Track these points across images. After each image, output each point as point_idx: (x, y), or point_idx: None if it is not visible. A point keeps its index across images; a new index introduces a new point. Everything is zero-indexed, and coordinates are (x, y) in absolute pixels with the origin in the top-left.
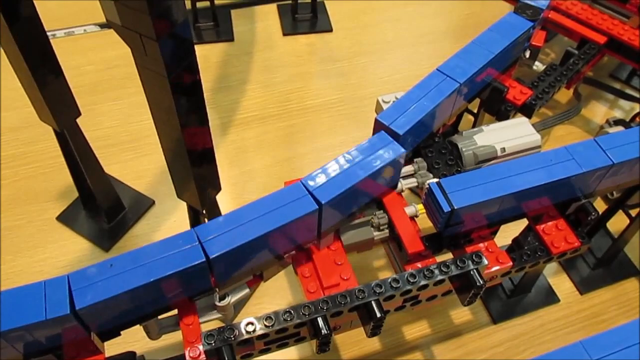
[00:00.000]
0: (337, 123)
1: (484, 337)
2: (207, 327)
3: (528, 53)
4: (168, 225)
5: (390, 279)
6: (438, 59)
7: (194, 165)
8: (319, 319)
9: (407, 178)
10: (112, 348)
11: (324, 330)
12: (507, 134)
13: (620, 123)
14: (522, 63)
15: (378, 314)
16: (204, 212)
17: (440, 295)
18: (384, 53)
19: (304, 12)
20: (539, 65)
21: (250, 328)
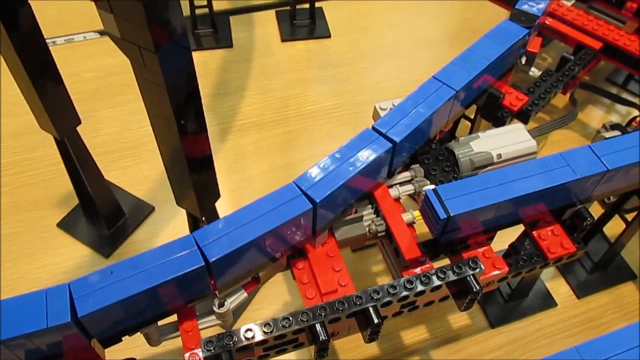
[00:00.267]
0: (335, 129)
1: (482, 341)
2: (207, 333)
3: (524, 59)
4: (168, 232)
5: (388, 285)
6: (435, 65)
7: (193, 174)
8: (317, 325)
9: (404, 185)
10: (112, 355)
11: (322, 337)
12: (503, 141)
13: (617, 127)
14: (518, 69)
15: (376, 320)
16: (203, 219)
17: (438, 301)
18: (382, 59)
19: (302, 18)
20: (535, 71)
21: (249, 334)
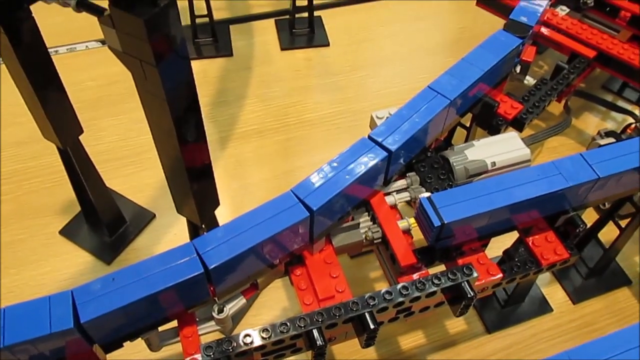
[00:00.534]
0: (334, 136)
1: (478, 346)
2: (206, 339)
3: (519, 68)
4: (169, 239)
5: (383, 291)
6: (434, 72)
7: (193, 182)
8: (314, 331)
9: (400, 192)
10: None
11: (319, 342)
12: (497, 149)
13: (612, 135)
14: (513, 78)
15: (372, 326)
16: (203, 226)
17: (433, 307)
18: (380, 67)
19: (302, 27)
20: (530, 80)
21: (248, 340)
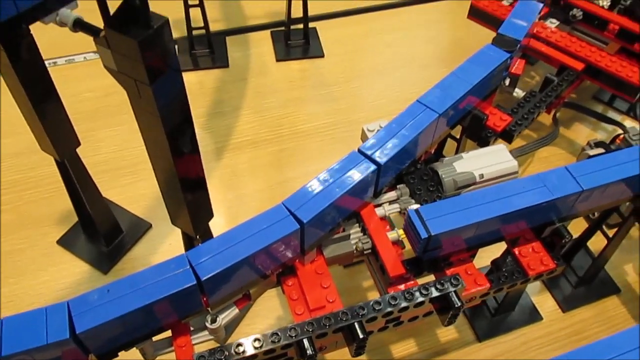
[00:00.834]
0: (328, 147)
1: (469, 354)
2: (200, 348)
3: (508, 81)
4: (164, 248)
5: (373, 302)
6: (426, 83)
7: (187, 195)
8: (305, 341)
9: (390, 204)
10: None
11: (310, 351)
12: (485, 161)
13: (601, 145)
14: (502, 90)
15: (361, 335)
16: (198, 237)
17: (422, 316)
18: (374, 78)
19: (297, 38)
20: (519, 92)
21: (240, 349)
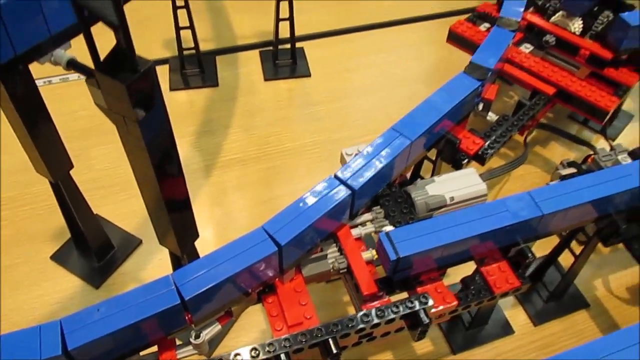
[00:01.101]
0: (313, 165)
1: None
2: None
3: (481, 105)
4: (154, 264)
5: (346, 319)
6: (411, 102)
7: (172, 217)
8: (282, 355)
9: (366, 225)
10: None
11: None
12: (456, 184)
13: (573, 165)
14: (477, 114)
15: (334, 350)
16: (184, 256)
17: (394, 332)
18: (359, 97)
19: (284, 58)
20: (492, 116)
21: None
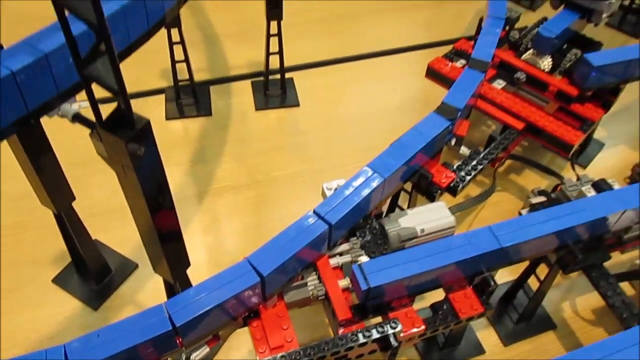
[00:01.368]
0: (300, 193)
1: None
2: None
3: (454, 141)
4: (149, 287)
5: (323, 342)
6: (394, 131)
7: (165, 248)
8: None
9: (343, 255)
10: None
11: None
12: (426, 217)
13: (543, 193)
14: (450, 148)
15: None
16: (177, 283)
17: (367, 354)
18: (345, 126)
19: (275, 88)
20: (465, 150)
21: None
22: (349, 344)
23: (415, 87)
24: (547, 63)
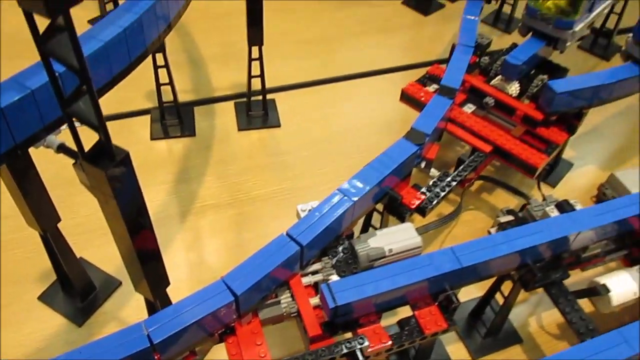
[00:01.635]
0: (280, 211)
1: None
2: None
3: (424, 164)
4: (132, 304)
5: (293, 358)
6: (371, 151)
7: (145, 270)
8: None
9: (314, 274)
10: None
11: None
12: (394, 238)
13: (511, 213)
14: (420, 170)
15: None
16: (157, 301)
17: None
18: (324, 146)
19: (257, 109)
20: (434, 172)
21: None
22: (319, 359)
23: (393, 108)
24: (514, 88)
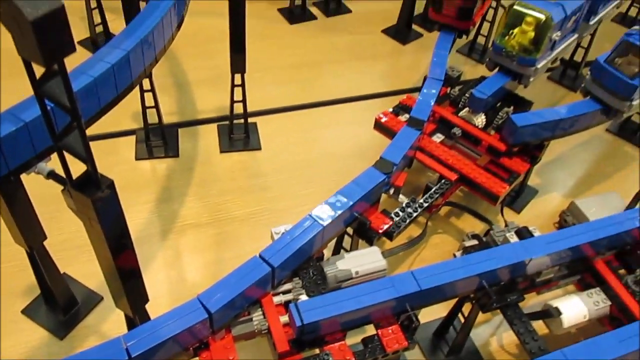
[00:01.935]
0: (258, 232)
1: None
2: None
3: (392, 190)
4: (112, 318)
5: None
6: (348, 175)
7: (126, 287)
8: None
9: (285, 294)
10: None
11: None
12: (361, 260)
13: (476, 237)
14: (390, 196)
15: None
16: (136, 317)
17: None
18: (303, 169)
19: (239, 132)
20: (403, 198)
21: None
22: None
23: (371, 133)
24: (481, 120)
